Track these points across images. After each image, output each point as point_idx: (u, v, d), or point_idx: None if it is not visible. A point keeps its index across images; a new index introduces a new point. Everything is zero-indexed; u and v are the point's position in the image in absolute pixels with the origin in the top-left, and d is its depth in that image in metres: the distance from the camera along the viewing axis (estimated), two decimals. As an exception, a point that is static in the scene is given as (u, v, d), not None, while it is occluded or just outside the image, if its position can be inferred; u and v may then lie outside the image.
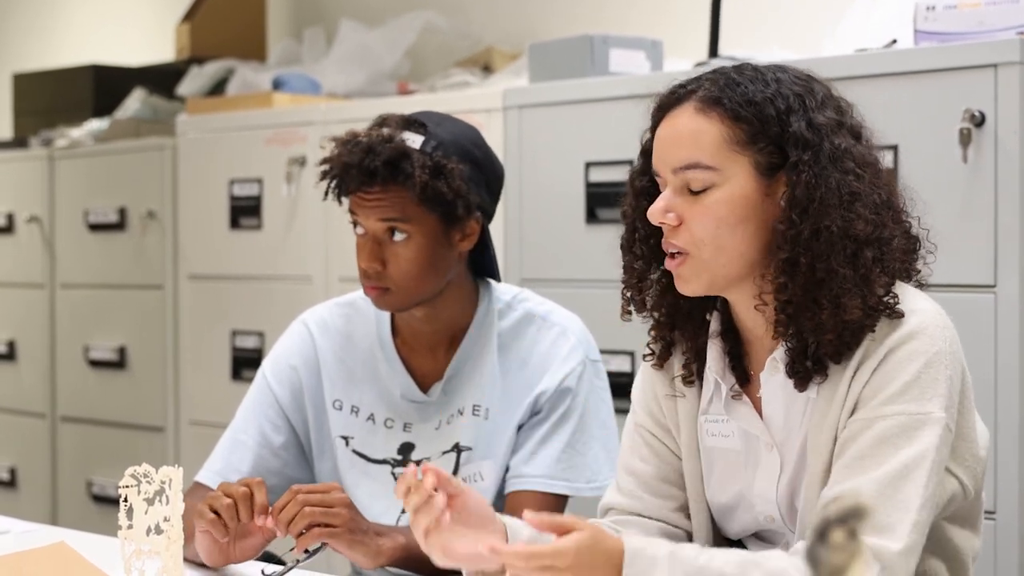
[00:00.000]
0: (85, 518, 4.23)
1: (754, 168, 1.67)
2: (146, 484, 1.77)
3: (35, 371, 4.53)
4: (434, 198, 2.10)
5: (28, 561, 1.85)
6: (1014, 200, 2.43)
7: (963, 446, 1.73)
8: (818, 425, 1.69)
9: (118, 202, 4.19)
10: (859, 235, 1.65)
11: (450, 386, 2.24)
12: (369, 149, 2.10)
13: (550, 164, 3.12)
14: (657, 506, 1.86)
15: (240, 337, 3.82)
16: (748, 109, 1.67)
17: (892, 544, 1.58)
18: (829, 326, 1.65)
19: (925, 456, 1.62)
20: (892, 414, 1.64)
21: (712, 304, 1.80)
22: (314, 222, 3.61)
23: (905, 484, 1.61)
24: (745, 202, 1.67)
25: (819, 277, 1.64)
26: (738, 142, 1.67)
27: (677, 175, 1.69)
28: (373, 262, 2.13)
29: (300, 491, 1.93)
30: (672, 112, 1.72)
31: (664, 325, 1.82)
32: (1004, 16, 2.52)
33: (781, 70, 1.72)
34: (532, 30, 4.08)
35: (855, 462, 1.64)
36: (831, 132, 1.67)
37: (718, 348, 1.79)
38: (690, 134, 1.68)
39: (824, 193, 1.64)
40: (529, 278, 3.07)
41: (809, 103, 1.69)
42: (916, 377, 1.64)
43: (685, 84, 1.73)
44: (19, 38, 5.99)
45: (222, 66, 4.35)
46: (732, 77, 1.70)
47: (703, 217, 1.68)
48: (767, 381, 1.74)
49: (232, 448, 2.27)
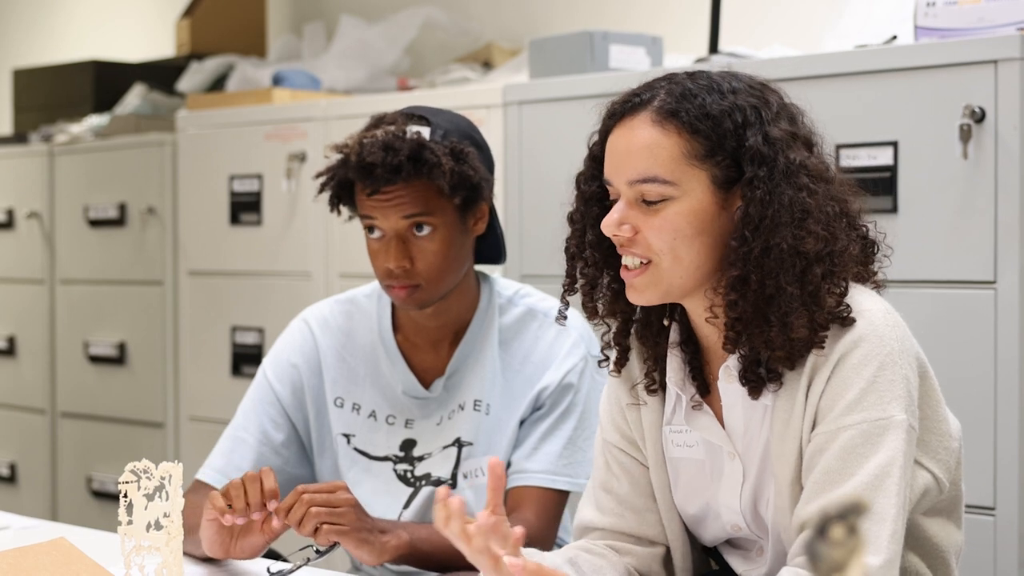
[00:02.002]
0: (85, 514, 4.24)
1: (711, 182, 1.65)
2: (146, 480, 1.77)
3: (35, 367, 4.53)
4: (460, 183, 2.10)
5: (28, 557, 1.85)
6: (1014, 196, 2.43)
7: (934, 439, 1.72)
8: (780, 434, 1.68)
9: (118, 198, 4.18)
10: (808, 252, 1.63)
11: (452, 382, 2.24)
12: (387, 146, 2.09)
13: (550, 160, 3.12)
14: (638, 522, 1.84)
15: (240, 333, 3.82)
16: (705, 123, 1.64)
17: (872, 559, 1.57)
18: (777, 343, 1.64)
19: (893, 462, 1.61)
20: (853, 424, 1.62)
21: (669, 310, 1.78)
22: (314, 218, 3.61)
23: (878, 495, 1.60)
24: (703, 215, 1.65)
25: (768, 294, 1.63)
26: (695, 156, 1.65)
27: (632, 187, 1.67)
28: (402, 261, 2.12)
29: (306, 491, 1.93)
30: (626, 121, 1.69)
31: (619, 332, 1.80)
32: (1004, 12, 2.52)
33: (736, 78, 1.70)
34: (532, 26, 4.08)
35: (823, 477, 1.62)
36: (786, 146, 1.65)
37: (678, 359, 1.77)
38: (646, 147, 1.65)
39: (776, 210, 1.62)
40: (529, 274, 3.07)
41: (765, 115, 1.66)
42: (872, 382, 1.62)
43: (639, 92, 1.70)
44: (19, 34, 5.99)
45: (222, 62, 4.35)
46: (688, 87, 1.67)
47: (660, 230, 1.65)
48: (725, 390, 1.73)
49: (233, 446, 2.27)
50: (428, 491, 2.21)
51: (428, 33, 4.21)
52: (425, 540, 2.03)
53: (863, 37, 2.96)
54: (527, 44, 3.34)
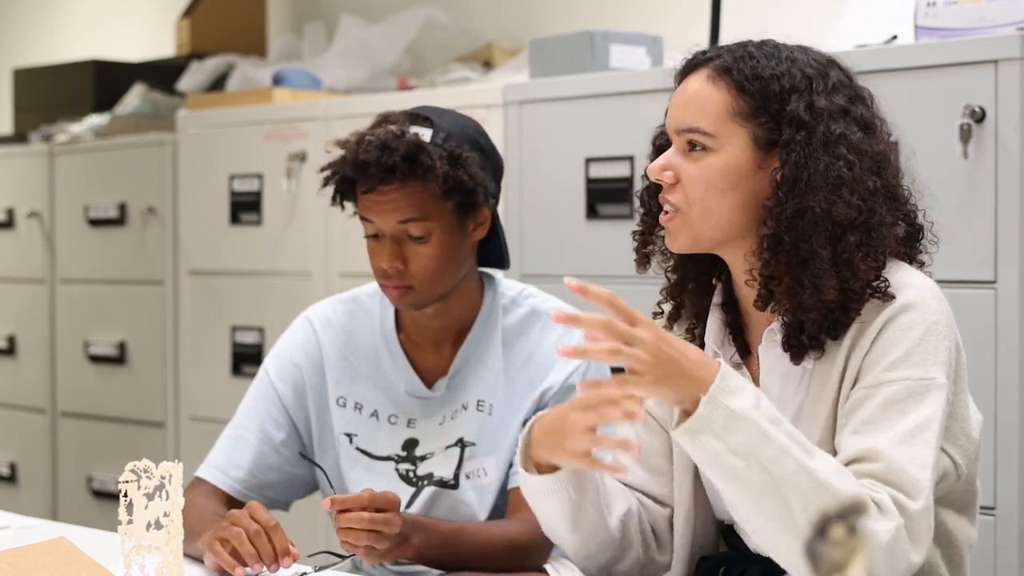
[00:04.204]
0: (85, 513, 4.24)
1: (752, 141, 1.72)
2: (146, 479, 1.77)
3: (35, 366, 4.53)
4: (455, 188, 2.10)
5: (28, 556, 1.85)
6: (1014, 196, 2.43)
7: (956, 425, 1.75)
8: (816, 396, 1.72)
9: (118, 197, 4.18)
10: (841, 219, 1.68)
11: (455, 382, 2.24)
12: (384, 145, 2.09)
13: (550, 160, 3.12)
14: (644, 480, 1.89)
15: (240, 333, 3.82)
16: (754, 83, 1.72)
17: (913, 503, 1.61)
18: (810, 305, 1.69)
19: (933, 419, 1.65)
20: (897, 379, 1.66)
21: (718, 271, 1.84)
22: (314, 218, 3.61)
23: (917, 443, 1.64)
24: (738, 172, 1.72)
25: (802, 256, 1.68)
26: (740, 113, 1.72)
27: (680, 136, 1.76)
28: (395, 262, 2.12)
29: (368, 506, 1.92)
30: (689, 76, 1.78)
31: (674, 286, 1.87)
32: (1004, 12, 2.52)
33: (802, 51, 1.77)
34: (532, 26, 4.08)
35: (863, 427, 1.66)
36: (830, 117, 1.71)
37: (718, 320, 1.83)
38: (697, 99, 1.74)
39: (811, 175, 1.68)
40: (529, 274, 3.07)
41: (816, 86, 1.73)
42: (917, 344, 1.67)
43: (707, 51, 1.79)
44: (19, 33, 5.99)
45: (222, 61, 4.35)
46: (749, 50, 1.76)
47: (695, 180, 1.73)
48: (765, 354, 1.78)
49: (233, 444, 2.27)
50: (430, 491, 2.21)
51: (428, 33, 4.21)
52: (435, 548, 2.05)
53: (863, 37, 2.96)
54: (527, 44, 3.34)
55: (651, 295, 1.94)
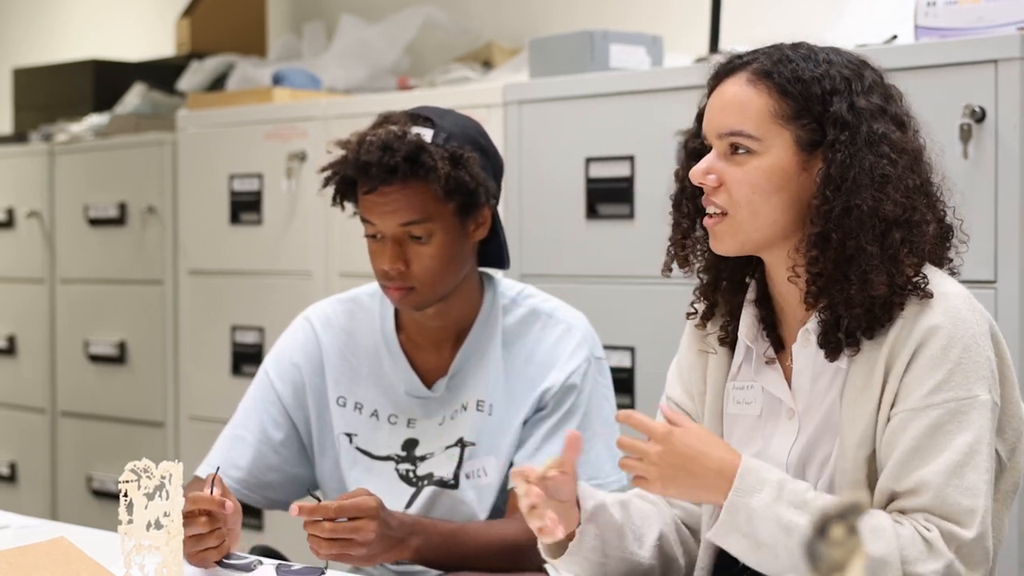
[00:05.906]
0: (85, 513, 4.24)
1: (795, 142, 1.75)
2: (146, 479, 1.77)
3: (35, 366, 4.53)
4: (456, 189, 2.10)
5: (28, 556, 1.85)
6: (1014, 196, 2.43)
7: (1003, 418, 1.77)
8: (853, 399, 1.74)
9: (118, 197, 4.18)
10: (888, 216, 1.71)
11: (454, 382, 2.24)
12: (386, 146, 2.09)
13: (550, 159, 3.12)
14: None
15: (240, 332, 3.82)
16: (795, 86, 1.74)
17: (966, 533, 1.64)
18: (857, 300, 1.71)
19: (980, 440, 1.68)
20: (940, 403, 1.68)
21: (752, 269, 1.86)
22: (314, 217, 3.61)
23: (968, 471, 1.67)
24: (782, 173, 1.75)
25: (849, 253, 1.71)
26: (782, 116, 1.74)
27: (722, 140, 1.77)
28: (396, 263, 2.13)
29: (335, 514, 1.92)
30: (726, 80, 1.79)
31: (708, 286, 1.89)
32: (1004, 12, 2.52)
33: (836, 53, 1.79)
34: (532, 25, 4.08)
35: (911, 455, 1.68)
36: (871, 117, 1.74)
37: (752, 315, 1.85)
38: (738, 103, 1.76)
39: (857, 173, 1.71)
40: (529, 273, 3.07)
41: (855, 87, 1.75)
42: (958, 363, 1.69)
43: (742, 55, 1.80)
44: (19, 33, 5.99)
45: (222, 61, 4.35)
46: (786, 54, 1.78)
47: (740, 183, 1.75)
48: (799, 352, 1.79)
49: (232, 443, 2.27)
50: (430, 491, 2.21)
51: (428, 33, 4.21)
52: (435, 548, 2.04)
53: (863, 37, 2.95)
54: (527, 44, 3.34)
55: (651, 295, 1.94)
